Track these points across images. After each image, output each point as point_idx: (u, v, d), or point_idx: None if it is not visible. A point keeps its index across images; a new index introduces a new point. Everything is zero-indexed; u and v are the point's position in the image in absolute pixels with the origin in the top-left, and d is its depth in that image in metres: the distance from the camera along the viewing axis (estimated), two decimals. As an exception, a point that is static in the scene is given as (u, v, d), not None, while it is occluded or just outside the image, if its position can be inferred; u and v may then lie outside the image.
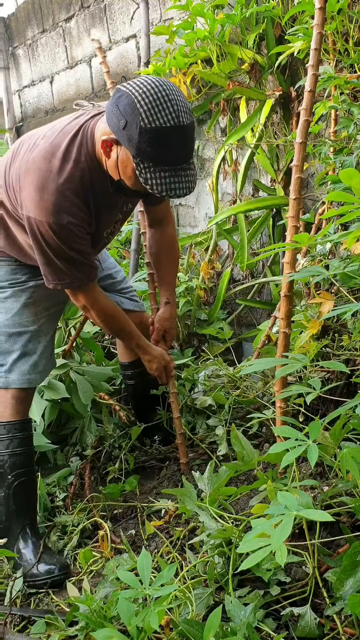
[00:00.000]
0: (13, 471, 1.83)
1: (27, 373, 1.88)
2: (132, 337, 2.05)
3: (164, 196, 1.58)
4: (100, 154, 1.67)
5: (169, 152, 1.54)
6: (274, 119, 2.95)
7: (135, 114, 1.50)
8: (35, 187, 1.63)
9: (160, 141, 1.51)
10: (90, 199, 1.71)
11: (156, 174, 1.54)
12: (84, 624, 1.34)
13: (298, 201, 1.64)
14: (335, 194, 1.24)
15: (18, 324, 1.88)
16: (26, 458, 1.87)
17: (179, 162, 1.56)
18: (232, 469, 1.58)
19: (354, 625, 1.22)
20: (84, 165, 1.67)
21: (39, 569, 1.74)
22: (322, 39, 1.67)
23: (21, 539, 1.81)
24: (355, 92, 2.31)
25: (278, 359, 1.59)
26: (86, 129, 1.70)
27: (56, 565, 1.74)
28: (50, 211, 1.63)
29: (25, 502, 1.86)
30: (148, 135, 1.50)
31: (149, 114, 1.50)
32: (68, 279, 1.75)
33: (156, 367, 2.11)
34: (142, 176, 1.55)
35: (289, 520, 1.03)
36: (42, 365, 1.92)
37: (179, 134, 1.53)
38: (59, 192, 1.63)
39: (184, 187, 1.58)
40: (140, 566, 1.23)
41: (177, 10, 3.02)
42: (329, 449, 1.34)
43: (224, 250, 3.40)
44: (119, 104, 1.54)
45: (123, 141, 1.55)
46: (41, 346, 1.92)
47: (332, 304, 1.69)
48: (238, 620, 1.22)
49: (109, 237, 1.94)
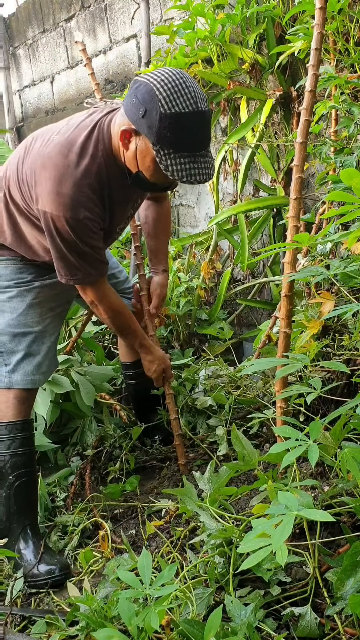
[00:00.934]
0: (14, 471, 1.82)
1: (31, 374, 1.87)
2: (136, 336, 2.05)
3: (184, 182, 1.58)
4: (118, 148, 1.69)
5: (189, 137, 1.56)
6: (275, 119, 2.95)
7: (154, 101, 1.52)
8: (53, 182, 1.64)
9: (180, 126, 1.53)
10: (106, 194, 1.72)
11: (176, 160, 1.56)
12: (85, 623, 1.34)
13: (298, 201, 1.64)
14: (336, 193, 1.24)
15: (23, 324, 1.88)
16: (27, 458, 1.86)
17: (198, 149, 1.58)
18: (232, 469, 1.58)
19: (354, 625, 1.22)
20: (101, 161, 1.68)
21: (39, 569, 1.74)
22: (322, 39, 1.67)
23: (22, 539, 1.81)
24: (355, 92, 2.31)
25: (278, 359, 1.59)
26: (102, 125, 1.71)
27: (57, 565, 1.74)
28: (68, 206, 1.64)
29: (26, 502, 1.85)
30: (168, 121, 1.52)
31: (169, 100, 1.52)
32: (80, 274, 1.77)
33: (155, 368, 2.11)
34: (163, 163, 1.57)
35: (290, 520, 1.03)
36: (45, 366, 1.92)
37: (198, 119, 1.56)
38: (76, 187, 1.64)
39: (204, 172, 1.60)
40: (140, 566, 1.23)
41: (178, 10, 3.02)
42: (330, 448, 1.34)
43: (225, 250, 3.40)
44: (137, 93, 1.56)
45: (142, 129, 1.57)
46: (45, 347, 1.92)
47: (332, 304, 1.69)
48: (238, 620, 1.22)
49: (119, 232, 1.96)
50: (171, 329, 3.15)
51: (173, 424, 2.14)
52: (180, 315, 3.09)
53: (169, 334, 3.16)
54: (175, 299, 3.07)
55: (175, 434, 2.13)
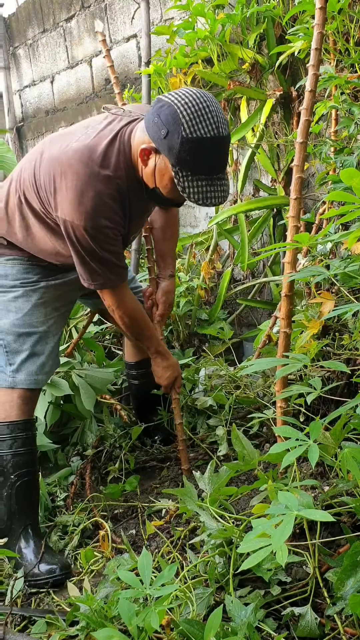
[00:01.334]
0: (15, 471, 1.82)
1: (35, 374, 1.87)
2: (152, 342, 2.05)
3: (200, 204, 1.63)
4: (137, 162, 1.71)
5: (208, 161, 1.59)
6: (275, 119, 2.95)
7: (177, 124, 1.55)
8: (74, 192, 1.66)
9: (200, 151, 1.56)
10: (127, 204, 1.75)
11: (194, 183, 1.60)
12: (85, 623, 1.34)
13: (299, 201, 1.64)
14: (336, 193, 1.24)
15: (28, 324, 1.88)
16: (29, 458, 1.86)
17: (216, 172, 1.62)
18: (232, 469, 1.58)
19: (354, 625, 1.22)
20: (122, 173, 1.71)
21: (40, 568, 1.74)
22: (322, 39, 1.67)
23: (22, 539, 1.81)
24: (355, 92, 2.31)
25: (279, 358, 1.59)
26: (123, 136, 1.72)
27: (57, 565, 1.74)
28: (89, 215, 1.66)
29: (28, 502, 1.85)
30: (189, 145, 1.55)
31: (192, 124, 1.55)
32: (101, 279, 1.79)
33: (169, 376, 2.11)
34: (181, 184, 1.60)
35: (290, 520, 1.03)
36: (48, 366, 1.92)
37: (218, 144, 1.59)
38: (97, 197, 1.66)
39: (219, 196, 1.64)
40: (140, 566, 1.23)
41: (178, 10, 3.02)
42: (330, 448, 1.34)
43: (225, 250, 3.40)
44: (160, 113, 1.59)
45: (163, 150, 1.60)
46: (49, 347, 1.92)
47: (332, 304, 1.69)
48: (239, 620, 1.22)
49: (133, 239, 2.05)
50: (171, 329, 3.15)
51: (178, 429, 2.14)
52: (180, 315, 3.09)
53: (169, 334, 3.16)
54: (176, 299, 3.07)
55: (180, 439, 2.12)
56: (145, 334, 2.03)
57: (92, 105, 4.30)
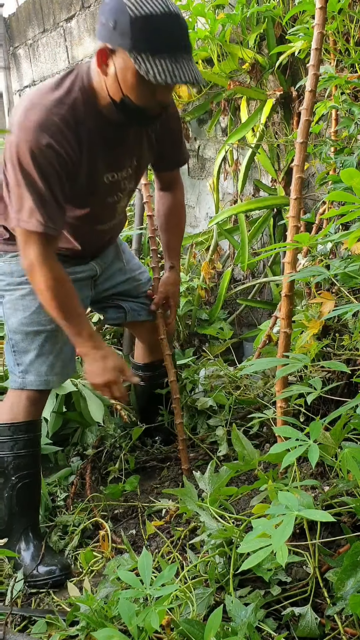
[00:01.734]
0: (17, 473, 1.81)
1: (45, 374, 1.83)
2: (81, 322, 1.74)
3: (169, 82, 1.47)
4: (99, 87, 1.61)
5: (164, 38, 1.48)
6: (275, 119, 2.95)
7: (122, 9, 1.47)
8: (23, 110, 1.58)
9: (153, 27, 1.47)
10: (83, 134, 1.62)
11: (156, 62, 1.47)
12: (85, 623, 1.34)
13: (299, 201, 1.64)
14: (336, 193, 1.24)
15: (36, 322, 1.82)
16: (30, 460, 1.84)
17: (178, 49, 1.50)
18: (232, 469, 1.58)
19: (354, 626, 1.22)
20: (77, 95, 1.61)
21: (39, 569, 1.74)
22: (322, 39, 1.67)
23: (23, 540, 1.80)
24: (356, 92, 2.31)
25: (279, 359, 1.59)
26: (81, 67, 1.67)
27: (57, 566, 1.74)
28: (32, 130, 1.54)
29: (29, 503, 1.84)
30: (140, 24, 1.46)
31: (137, 3, 1.47)
32: (35, 220, 1.58)
33: (104, 370, 1.77)
34: (142, 68, 1.47)
35: (290, 521, 1.03)
36: (59, 367, 1.86)
37: (171, 20, 1.49)
38: (45, 113, 1.56)
39: (188, 73, 1.50)
40: (141, 566, 1.23)
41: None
42: (330, 449, 1.34)
43: (225, 250, 3.40)
44: (104, 11, 1.52)
45: (116, 41, 1.50)
46: (58, 347, 1.85)
47: (332, 304, 1.69)
48: (239, 620, 1.22)
49: (113, 190, 1.77)
50: (171, 329, 3.16)
51: (178, 429, 2.13)
52: (180, 315, 3.09)
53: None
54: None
55: (180, 438, 2.12)
56: (73, 308, 1.73)
57: (92, 105, 4.31)
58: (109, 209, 1.83)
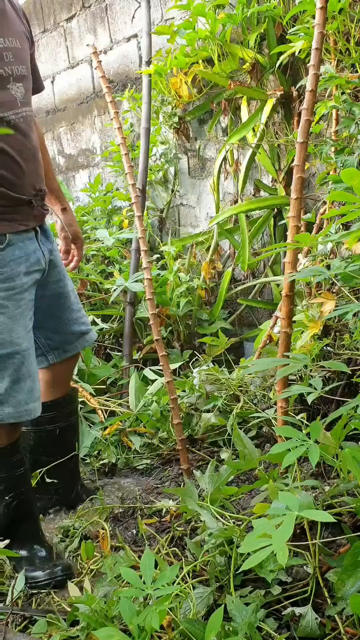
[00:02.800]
0: (9, 493, 1.71)
1: (24, 403, 1.60)
2: None
3: None
4: None
5: None
6: (275, 119, 2.95)
7: None
8: None
9: None
10: None
11: None
12: (86, 624, 1.34)
13: (299, 201, 1.64)
14: (337, 193, 1.24)
15: (8, 342, 1.57)
16: (21, 479, 1.71)
17: None
18: (233, 468, 1.58)
19: (355, 626, 1.22)
20: None
21: (41, 571, 1.70)
22: (323, 39, 1.67)
23: (24, 547, 1.76)
24: (356, 92, 2.31)
25: (279, 359, 1.59)
26: None
27: (59, 566, 1.71)
28: None
29: (25, 517, 1.77)
30: None
31: None
32: None
33: None
34: None
35: (291, 521, 1.03)
36: (37, 391, 1.65)
37: None
38: None
39: None
40: (143, 565, 1.23)
41: (179, 10, 3.02)
42: (330, 448, 1.34)
43: (225, 250, 3.40)
44: None
45: None
46: (34, 367, 1.64)
47: (333, 304, 1.69)
48: (240, 620, 1.22)
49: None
50: (171, 329, 3.16)
51: (176, 429, 2.13)
52: (180, 316, 3.09)
53: (169, 334, 3.16)
54: (176, 299, 3.07)
55: (178, 439, 2.11)
56: None
57: (93, 105, 4.30)
58: (4, 89, 1.57)
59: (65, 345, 1.85)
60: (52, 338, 1.83)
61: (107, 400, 2.64)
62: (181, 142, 3.55)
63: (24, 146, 1.60)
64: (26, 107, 1.63)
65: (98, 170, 4.21)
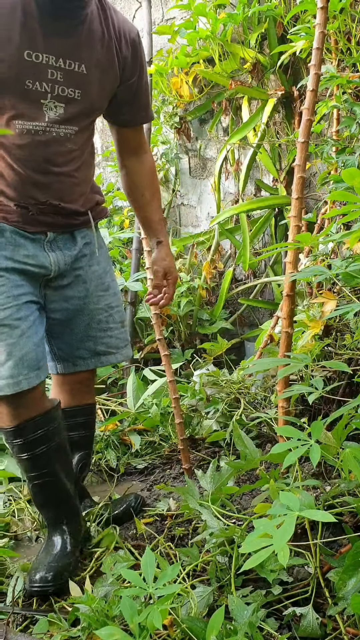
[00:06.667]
0: (27, 474, 1.67)
1: (9, 377, 1.53)
2: None
3: None
4: None
5: None
6: (276, 119, 2.95)
7: None
8: None
9: None
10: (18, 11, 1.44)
11: None
12: (87, 624, 1.34)
13: (300, 201, 1.64)
14: (338, 193, 1.24)
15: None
16: (33, 463, 1.64)
17: None
18: (234, 468, 1.58)
19: (356, 626, 1.22)
20: None
21: (36, 575, 1.62)
22: (324, 39, 1.67)
23: (50, 532, 1.72)
24: (357, 92, 2.31)
25: (280, 359, 1.59)
26: None
27: (52, 573, 1.61)
28: None
29: (48, 500, 1.70)
30: None
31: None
32: None
33: None
34: None
35: (292, 521, 1.03)
36: (26, 362, 1.54)
37: None
38: None
39: None
40: (144, 564, 1.23)
41: (179, 9, 3.02)
42: (332, 448, 1.34)
43: (226, 250, 3.40)
44: None
45: None
46: (12, 341, 1.53)
47: (334, 304, 1.69)
48: (241, 620, 1.22)
49: (35, 74, 1.49)
50: (172, 329, 3.16)
51: (178, 429, 2.13)
52: (181, 316, 3.09)
53: (170, 334, 3.16)
54: (177, 299, 3.07)
55: (180, 438, 2.11)
56: None
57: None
58: (35, 102, 1.53)
59: (75, 360, 1.80)
60: (63, 349, 1.79)
61: (107, 399, 2.64)
62: (182, 142, 3.55)
63: (33, 157, 1.55)
64: (62, 125, 1.57)
65: (99, 170, 4.22)
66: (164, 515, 1.90)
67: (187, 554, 1.49)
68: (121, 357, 1.85)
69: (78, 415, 1.87)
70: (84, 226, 1.72)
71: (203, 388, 2.38)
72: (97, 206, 1.76)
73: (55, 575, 1.60)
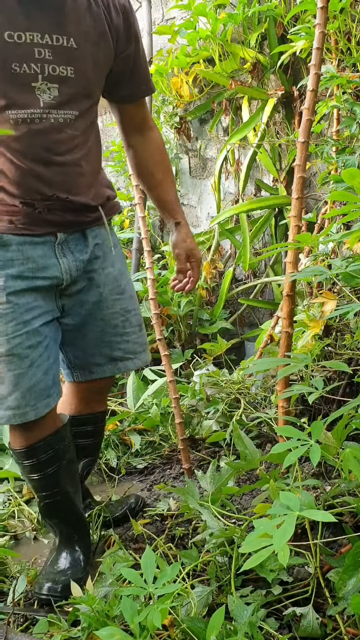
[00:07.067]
0: (37, 493, 1.65)
1: (17, 408, 1.49)
2: None
3: None
4: None
5: None
6: (276, 119, 2.95)
7: None
8: None
9: None
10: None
11: None
12: (87, 624, 1.34)
13: (300, 201, 1.64)
14: (338, 193, 1.24)
15: None
16: (43, 482, 1.61)
17: None
18: (234, 468, 1.58)
19: (356, 625, 1.22)
20: None
21: (44, 585, 1.61)
22: (324, 38, 1.67)
23: (62, 546, 1.70)
24: (357, 91, 2.31)
25: (280, 358, 1.59)
26: None
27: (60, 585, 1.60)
28: None
29: (60, 519, 1.68)
30: None
31: None
32: None
33: None
34: None
35: (292, 521, 1.03)
36: (34, 393, 1.50)
37: None
38: None
39: None
40: (144, 564, 1.23)
41: (180, 9, 3.02)
42: (332, 448, 1.34)
43: (226, 250, 3.40)
44: None
45: None
46: (20, 371, 1.48)
47: (334, 304, 1.69)
48: (241, 620, 1.22)
49: (22, 56, 1.39)
50: (172, 329, 3.16)
51: (178, 428, 2.13)
52: (181, 316, 3.09)
53: (170, 334, 3.16)
54: (177, 299, 3.07)
55: (180, 438, 2.11)
56: None
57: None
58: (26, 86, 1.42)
59: (91, 367, 1.73)
60: (79, 357, 1.72)
61: (107, 399, 2.64)
62: (182, 142, 3.55)
63: (31, 147, 1.46)
64: (59, 109, 1.47)
65: (99, 170, 4.22)
66: (164, 515, 1.90)
67: (186, 556, 1.49)
68: (140, 362, 1.76)
69: (88, 423, 1.81)
70: (95, 224, 1.60)
71: (203, 388, 2.37)
72: (109, 201, 1.65)
73: (64, 587, 1.58)
